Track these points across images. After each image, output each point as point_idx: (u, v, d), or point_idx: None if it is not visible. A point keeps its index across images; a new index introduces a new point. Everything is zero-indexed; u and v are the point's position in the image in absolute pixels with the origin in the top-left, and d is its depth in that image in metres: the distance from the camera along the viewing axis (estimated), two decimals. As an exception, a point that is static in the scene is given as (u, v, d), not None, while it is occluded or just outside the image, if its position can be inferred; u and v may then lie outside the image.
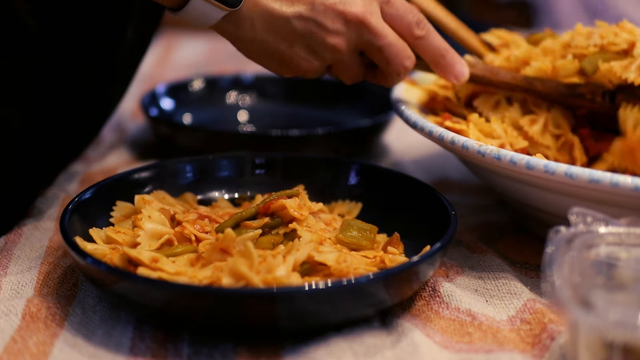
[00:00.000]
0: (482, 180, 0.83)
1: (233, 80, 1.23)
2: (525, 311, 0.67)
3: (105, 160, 1.02)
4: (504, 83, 0.81)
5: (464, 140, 0.72)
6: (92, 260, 0.62)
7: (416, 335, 0.63)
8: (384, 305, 0.64)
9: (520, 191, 0.74)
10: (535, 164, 0.67)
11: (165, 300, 0.60)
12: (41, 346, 0.61)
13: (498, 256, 0.77)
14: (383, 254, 0.70)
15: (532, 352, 0.62)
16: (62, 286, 0.70)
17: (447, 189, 0.94)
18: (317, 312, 0.61)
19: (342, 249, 0.70)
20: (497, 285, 0.72)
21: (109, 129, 1.15)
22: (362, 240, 0.71)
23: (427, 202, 0.75)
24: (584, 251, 0.57)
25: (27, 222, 0.81)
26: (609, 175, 0.64)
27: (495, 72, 0.81)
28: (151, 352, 0.61)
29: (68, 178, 0.95)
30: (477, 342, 0.63)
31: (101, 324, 0.64)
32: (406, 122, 0.80)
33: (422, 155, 1.07)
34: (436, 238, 0.68)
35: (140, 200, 0.75)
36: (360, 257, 0.69)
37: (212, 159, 0.83)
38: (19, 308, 0.65)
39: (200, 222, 0.72)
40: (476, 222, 0.85)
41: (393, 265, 0.66)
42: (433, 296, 0.69)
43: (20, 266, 0.73)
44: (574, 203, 0.65)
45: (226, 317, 0.60)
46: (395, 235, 0.73)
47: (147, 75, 1.45)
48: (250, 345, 0.62)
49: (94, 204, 0.73)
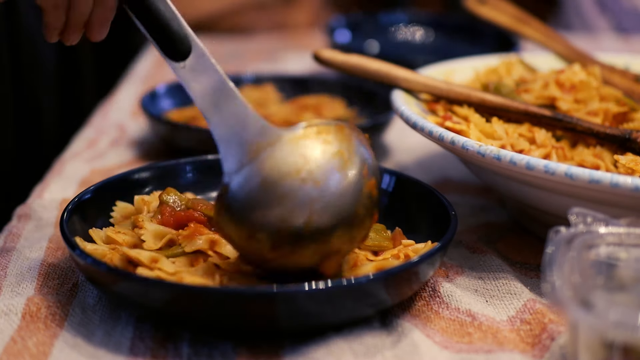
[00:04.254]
0: (482, 180, 0.83)
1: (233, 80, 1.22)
2: (525, 311, 0.67)
3: (105, 160, 1.02)
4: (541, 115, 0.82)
5: (464, 140, 0.72)
6: (92, 260, 0.62)
7: (416, 335, 0.63)
8: (384, 306, 0.64)
9: (520, 191, 0.74)
10: (535, 164, 0.67)
11: (165, 300, 0.60)
12: (41, 346, 0.61)
13: (498, 256, 0.77)
14: (405, 248, 0.70)
15: (532, 352, 0.62)
16: (62, 286, 0.70)
17: (447, 189, 0.94)
18: (317, 312, 0.61)
19: (367, 254, 0.70)
20: (497, 285, 0.72)
21: (109, 128, 1.15)
22: (383, 241, 0.71)
23: (427, 202, 0.75)
24: (584, 251, 0.57)
25: (27, 223, 0.81)
26: (609, 175, 0.64)
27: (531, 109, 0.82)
28: (151, 352, 0.61)
29: (67, 178, 0.95)
30: (477, 342, 0.63)
31: (101, 324, 0.64)
32: (406, 122, 0.80)
33: (422, 155, 1.06)
34: (436, 238, 0.68)
35: (140, 201, 0.75)
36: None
37: (212, 159, 0.83)
38: (18, 308, 0.65)
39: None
40: (476, 222, 0.85)
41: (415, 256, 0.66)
42: (433, 296, 0.69)
43: (20, 266, 0.73)
44: (574, 203, 0.65)
45: (226, 317, 0.60)
46: (397, 230, 0.72)
47: (147, 75, 1.45)
48: (250, 345, 0.62)
49: (94, 205, 0.73)
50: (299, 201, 0.60)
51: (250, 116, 0.63)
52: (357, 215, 0.62)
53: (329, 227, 0.61)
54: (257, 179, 0.61)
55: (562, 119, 0.81)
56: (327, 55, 0.89)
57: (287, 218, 0.60)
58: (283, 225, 0.60)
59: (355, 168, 0.62)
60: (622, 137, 0.78)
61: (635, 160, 0.74)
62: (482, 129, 0.80)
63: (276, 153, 0.61)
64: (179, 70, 0.65)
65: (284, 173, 0.60)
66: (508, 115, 0.83)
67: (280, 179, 0.60)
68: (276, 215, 0.60)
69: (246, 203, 0.61)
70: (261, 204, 0.60)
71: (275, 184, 0.60)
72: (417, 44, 1.60)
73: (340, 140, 0.62)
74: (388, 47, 1.55)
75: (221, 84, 0.65)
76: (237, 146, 0.63)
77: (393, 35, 1.62)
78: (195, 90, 0.65)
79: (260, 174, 0.61)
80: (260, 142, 0.62)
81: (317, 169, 0.61)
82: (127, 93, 1.34)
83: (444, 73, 0.96)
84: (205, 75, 0.65)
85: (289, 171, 0.60)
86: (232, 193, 0.61)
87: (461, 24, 1.59)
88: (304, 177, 0.60)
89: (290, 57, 1.59)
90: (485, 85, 0.91)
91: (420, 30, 1.62)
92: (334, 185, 0.61)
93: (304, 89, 1.21)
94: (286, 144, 0.61)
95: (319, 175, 0.61)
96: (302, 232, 0.60)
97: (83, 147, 1.07)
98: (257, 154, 0.61)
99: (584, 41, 1.56)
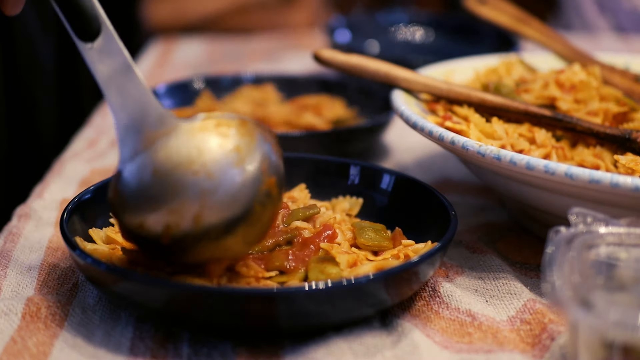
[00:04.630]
0: (482, 180, 0.83)
1: (233, 80, 1.23)
2: (525, 311, 0.67)
3: (105, 160, 1.02)
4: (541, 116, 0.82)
5: (464, 140, 0.72)
6: (92, 260, 0.62)
7: (416, 335, 0.63)
8: (384, 306, 0.64)
9: (520, 191, 0.74)
10: (535, 164, 0.67)
11: (165, 300, 0.60)
12: (41, 346, 0.61)
13: (498, 256, 0.77)
14: (405, 248, 0.70)
15: (532, 352, 0.62)
16: (62, 286, 0.70)
17: (447, 189, 0.94)
18: (317, 312, 0.61)
19: (367, 254, 0.70)
20: (497, 285, 0.72)
21: (109, 129, 1.15)
22: (382, 242, 0.71)
23: (427, 202, 0.75)
24: (584, 251, 0.57)
25: (27, 223, 0.81)
26: (609, 175, 0.64)
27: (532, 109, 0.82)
28: (151, 352, 0.61)
29: (67, 178, 0.95)
30: (477, 343, 0.63)
31: (101, 324, 0.64)
32: (406, 122, 0.80)
33: (422, 155, 1.06)
34: (436, 238, 0.68)
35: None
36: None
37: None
38: (18, 308, 0.65)
39: None
40: (476, 222, 0.85)
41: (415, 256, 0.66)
42: (433, 296, 0.69)
43: (20, 266, 0.73)
44: (574, 203, 0.65)
45: (226, 317, 0.60)
46: (397, 230, 0.72)
47: (147, 75, 1.45)
48: (250, 345, 0.62)
49: (94, 204, 0.73)
50: (190, 193, 0.59)
51: (150, 103, 0.62)
52: (253, 212, 0.60)
53: (221, 223, 0.59)
54: (149, 169, 0.60)
55: (562, 119, 0.81)
56: (327, 55, 0.89)
57: (177, 210, 0.59)
58: (173, 217, 0.59)
59: (253, 164, 0.60)
60: (622, 137, 0.78)
61: (635, 160, 0.74)
62: (482, 129, 0.80)
63: (171, 142, 0.60)
64: (87, 52, 0.63)
65: (176, 164, 0.59)
66: (508, 115, 0.83)
67: (173, 169, 0.59)
68: (167, 207, 0.59)
69: (137, 192, 0.60)
70: (152, 195, 0.59)
71: (167, 175, 0.59)
72: (417, 44, 1.60)
73: (241, 134, 0.61)
74: (388, 47, 1.55)
75: (126, 67, 0.63)
76: (134, 133, 0.62)
77: (393, 35, 1.62)
78: (100, 73, 0.63)
79: (152, 163, 0.60)
80: (157, 130, 0.61)
81: (211, 162, 0.60)
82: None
83: (444, 73, 0.96)
84: (111, 58, 0.63)
85: (181, 162, 0.60)
86: (124, 180, 0.61)
87: (461, 24, 1.59)
88: (197, 169, 0.59)
89: (290, 57, 1.59)
90: (485, 85, 0.91)
91: (420, 30, 1.63)
92: (229, 180, 0.60)
93: (304, 89, 1.21)
94: (182, 135, 0.61)
95: (213, 168, 0.59)
96: (192, 226, 0.59)
97: (83, 147, 1.07)
98: (152, 143, 0.61)
99: (584, 41, 1.56)
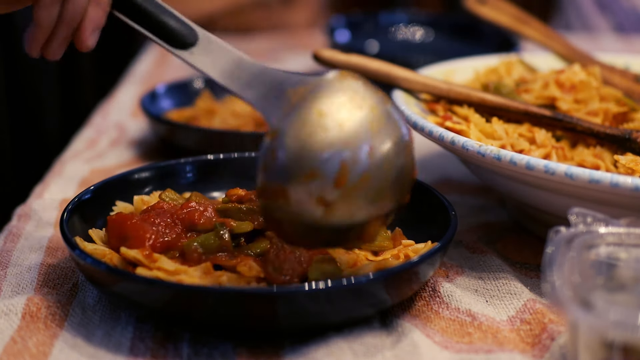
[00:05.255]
0: (482, 180, 0.83)
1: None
2: (525, 311, 0.67)
3: (105, 160, 1.02)
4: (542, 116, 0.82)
5: (464, 140, 0.72)
6: (92, 260, 0.62)
7: (416, 335, 0.63)
8: (384, 306, 0.64)
9: (520, 191, 0.74)
10: (535, 164, 0.67)
11: (165, 300, 0.60)
12: (41, 346, 0.61)
13: (498, 256, 0.77)
14: (405, 249, 0.70)
15: (532, 352, 0.62)
16: (62, 286, 0.70)
17: (447, 189, 0.94)
18: (317, 312, 0.61)
19: (367, 254, 0.70)
20: (497, 285, 0.72)
21: (109, 129, 1.15)
22: (383, 241, 0.71)
23: (427, 202, 0.75)
24: (584, 251, 0.57)
25: (27, 223, 0.81)
26: (609, 175, 0.64)
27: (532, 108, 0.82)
28: (151, 352, 0.61)
29: (67, 178, 0.95)
30: (477, 343, 0.63)
31: (101, 324, 0.64)
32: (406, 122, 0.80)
33: (422, 155, 1.06)
34: (436, 238, 0.68)
35: (139, 201, 0.75)
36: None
37: (212, 159, 0.83)
38: (18, 308, 0.65)
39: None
40: (476, 222, 0.85)
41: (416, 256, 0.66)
42: (433, 296, 0.69)
43: (20, 266, 0.73)
44: (574, 203, 0.64)
45: (226, 317, 0.60)
46: (397, 230, 0.72)
47: (147, 75, 1.45)
48: (250, 345, 0.62)
49: (94, 205, 0.73)
50: (362, 128, 0.59)
51: (279, 73, 0.63)
52: (408, 168, 0.61)
53: (388, 153, 0.59)
54: (314, 111, 0.59)
55: (562, 119, 0.81)
56: (327, 55, 0.89)
57: (352, 142, 0.58)
58: (348, 152, 0.58)
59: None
60: (622, 137, 0.78)
61: (635, 160, 0.74)
62: (482, 129, 0.80)
63: (324, 89, 0.60)
64: (190, 57, 0.65)
65: (340, 103, 0.59)
66: (508, 115, 0.83)
67: (339, 107, 0.59)
68: (342, 141, 0.58)
69: (306, 136, 0.58)
70: (323, 133, 0.58)
71: (335, 112, 0.58)
72: (417, 44, 1.60)
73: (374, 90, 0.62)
74: (388, 47, 1.55)
75: (237, 58, 0.65)
76: (275, 99, 0.61)
77: (393, 35, 1.62)
78: (213, 71, 0.64)
79: (315, 106, 0.59)
80: (299, 87, 0.61)
81: (369, 98, 0.60)
82: (127, 93, 1.34)
83: (444, 73, 0.96)
84: (217, 55, 0.65)
85: (344, 101, 0.59)
86: (285, 133, 0.59)
87: (461, 24, 1.59)
88: (361, 104, 0.59)
89: (290, 57, 1.59)
90: (485, 85, 0.91)
91: (420, 30, 1.62)
92: (392, 128, 0.60)
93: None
94: (330, 83, 0.60)
95: (374, 105, 0.60)
96: (367, 161, 0.58)
97: (83, 147, 1.07)
98: (303, 96, 0.60)
99: (584, 41, 1.56)
